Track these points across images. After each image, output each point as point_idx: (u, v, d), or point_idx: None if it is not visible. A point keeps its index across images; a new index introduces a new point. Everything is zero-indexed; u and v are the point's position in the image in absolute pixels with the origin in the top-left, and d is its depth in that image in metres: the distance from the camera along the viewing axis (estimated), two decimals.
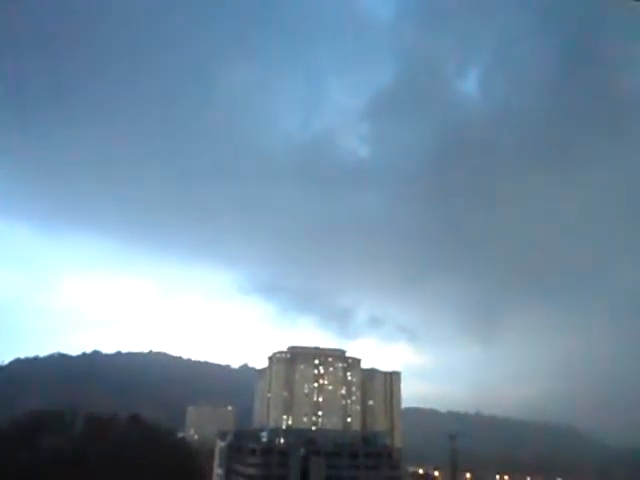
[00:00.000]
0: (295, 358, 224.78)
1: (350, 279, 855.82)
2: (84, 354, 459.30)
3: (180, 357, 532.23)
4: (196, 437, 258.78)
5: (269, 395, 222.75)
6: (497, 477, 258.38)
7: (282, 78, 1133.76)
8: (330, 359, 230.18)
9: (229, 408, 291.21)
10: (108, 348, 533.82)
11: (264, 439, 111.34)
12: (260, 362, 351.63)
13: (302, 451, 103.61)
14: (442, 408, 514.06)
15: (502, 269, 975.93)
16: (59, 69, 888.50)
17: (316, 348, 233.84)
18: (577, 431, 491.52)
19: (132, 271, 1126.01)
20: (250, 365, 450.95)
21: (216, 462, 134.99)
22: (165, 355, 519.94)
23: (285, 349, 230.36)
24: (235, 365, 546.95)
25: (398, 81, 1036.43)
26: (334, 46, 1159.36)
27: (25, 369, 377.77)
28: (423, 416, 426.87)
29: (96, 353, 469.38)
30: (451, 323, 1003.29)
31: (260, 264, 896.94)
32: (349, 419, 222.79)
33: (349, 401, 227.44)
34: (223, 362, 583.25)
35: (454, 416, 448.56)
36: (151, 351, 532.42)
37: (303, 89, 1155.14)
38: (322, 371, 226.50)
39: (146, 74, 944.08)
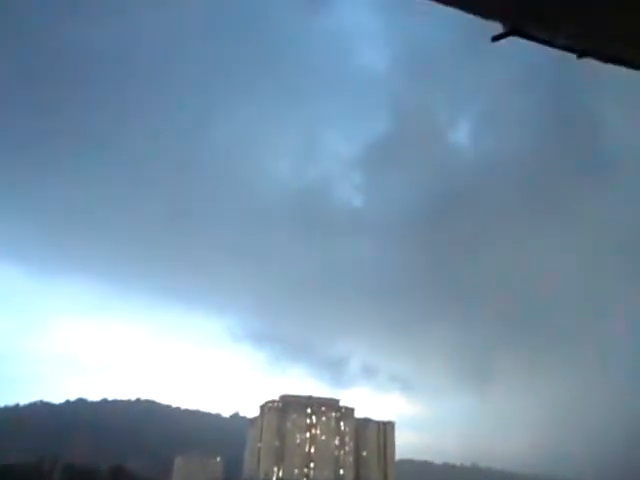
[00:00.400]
0: (287, 407, 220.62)
1: (343, 328, 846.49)
2: (67, 402, 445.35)
3: (169, 405, 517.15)
4: None
5: (260, 445, 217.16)
6: None
7: (277, 125, 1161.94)
8: (323, 408, 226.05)
9: (218, 459, 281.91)
10: (94, 396, 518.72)
11: None
12: (252, 411, 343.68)
13: None
14: (437, 460, 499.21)
15: (495, 319, 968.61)
16: (47, 108, 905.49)
17: (309, 397, 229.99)
18: None
19: (121, 317, 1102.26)
20: (241, 414, 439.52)
21: None
22: (153, 403, 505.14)
23: (277, 398, 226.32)
24: (226, 414, 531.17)
25: (391, 131, 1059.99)
26: (328, 96, 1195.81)
27: (4, 417, 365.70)
28: (417, 468, 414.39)
29: (81, 401, 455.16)
30: (445, 372, 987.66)
31: (252, 311, 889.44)
32: (342, 471, 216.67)
33: (342, 452, 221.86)
34: (214, 411, 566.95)
35: (449, 468, 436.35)
36: (139, 399, 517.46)
37: (297, 137, 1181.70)
38: (315, 420, 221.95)
39: (139, 114, 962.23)
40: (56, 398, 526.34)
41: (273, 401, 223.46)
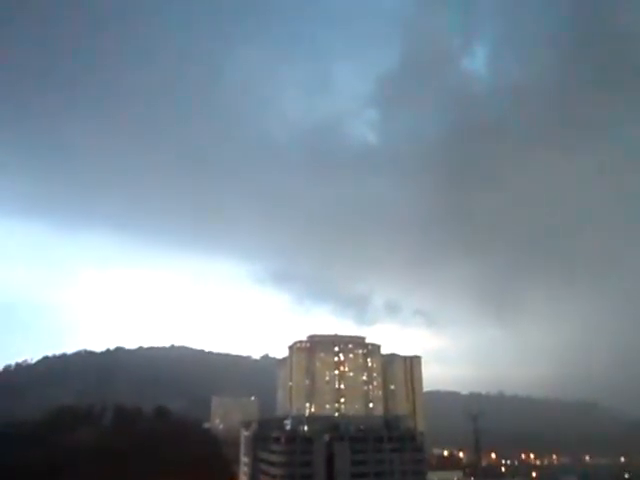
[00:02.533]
0: (315, 346, 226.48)
1: (364, 265, 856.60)
2: (108, 350, 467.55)
3: (202, 350, 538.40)
4: (221, 427, 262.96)
5: (291, 384, 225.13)
6: (522, 455, 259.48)
7: (287, 62, 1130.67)
8: (350, 346, 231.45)
9: (252, 398, 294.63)
10: (130, 344, 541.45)
11: (288, 427, 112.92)
12: (280, 352, 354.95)
13: (326, 437, 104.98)
14: (463, 390, 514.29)
15: (517, 250, 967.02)
16: (61, 60, 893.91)
17: (335, 335, 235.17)
18: (598, 406, 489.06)
19: (149, 265, 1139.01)
20: (271, 355, 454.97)
21: (242, 451, 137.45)
22: (187, 349, 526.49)
23: (305, 338, 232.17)
24: (256, 356, 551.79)
25: (404, 64, 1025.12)
26: (340, 30, 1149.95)
27: (54, 366, 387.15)
28: (444, 399, 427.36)
29: (119, 349, 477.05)
30: (468, 305, 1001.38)
31: (274, 253, 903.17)
32: (371, 404, 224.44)
33: (370, 387, 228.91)
34: (244, 353, 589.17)
35: (475, 397, 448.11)
36: (173, 345, 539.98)
37: (309, 75, 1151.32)
38: (342, 358, 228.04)
39: (150, 61, 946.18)
40: (97, 347, 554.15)
41: (301, 341, 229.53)
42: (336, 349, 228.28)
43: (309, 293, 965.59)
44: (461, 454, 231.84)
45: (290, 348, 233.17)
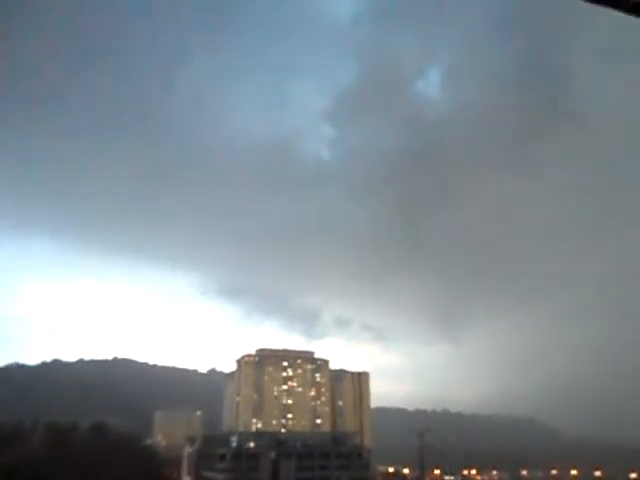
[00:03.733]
0: (263, 361, 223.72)
1: (315, 280, 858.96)
2: (44, 363, 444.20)
3: (146, 363, 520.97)
4: (164, 443, 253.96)
5: (238, 399, 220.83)
6: (465, 472, 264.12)
7: (244, 76, 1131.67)
8: (299, 361, 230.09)
9: (197, 413, 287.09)
10: (69, 356, 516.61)
11: (233, 443, 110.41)
12: (228, 366, 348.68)
13: (272, 454, 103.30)
14: (410, 406, 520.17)
15: (466, 269, 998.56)
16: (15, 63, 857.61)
17: (284, 350, 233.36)
18: (538, 423, 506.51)
19: (93, 276, 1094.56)
20: (218, 369, 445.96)
21: (184, 469, 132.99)
22: (130, 361, 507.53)
23: (253, 352, 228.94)
24: (203, 370, 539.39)
25: (360, 82, 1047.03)
26: (296, 49, 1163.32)
27: None
28: (392, 415, 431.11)
29: (57, 362, 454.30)
30: (417, 322, 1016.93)
31: (224, 266, 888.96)
32: (319, 420, 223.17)
33: (318, 402, 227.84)
34: (191, 367, 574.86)
35: (422, 414, 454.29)
36: (115, 358, 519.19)
37: (265, 90, 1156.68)
38: (291, 373, 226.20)
39: (102, 65, 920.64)
40: (31, 360, 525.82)
41: (249, 355, 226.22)
42: (285, 364, 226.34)
43: (258, 307, 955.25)
44: (406, 470, 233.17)
45: (238, 362, 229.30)
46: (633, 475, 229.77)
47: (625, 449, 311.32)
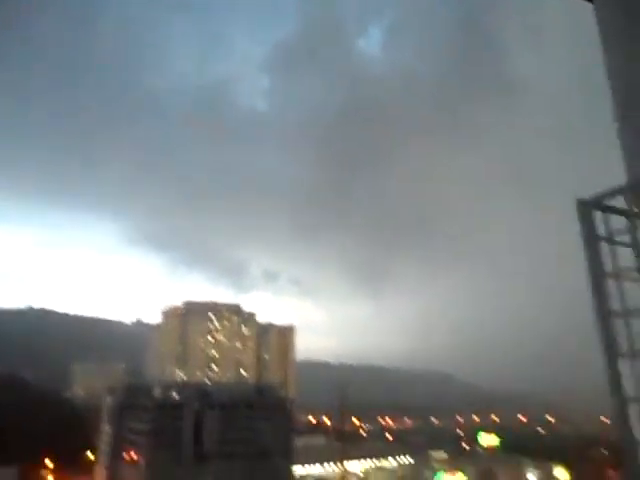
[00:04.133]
0: (189, 312, 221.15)
1: (244, 233, 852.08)
2: None
3: (66, 313, 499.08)
4: (83, 394, 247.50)
5: (163, 350, 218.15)
6: (381, 420, 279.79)
7: (179, 15, 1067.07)
8: (225, 313, 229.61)
9: (120, 365, 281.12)
10: None
11: (157, 394, 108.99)
12: (154, 318, 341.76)
13: (196, 405, 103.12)
14: (334, 360, 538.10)
15: (396, 228, 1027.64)
16: None
17: (211, 302, 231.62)
18: (455, 378, 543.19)
19: (8, 222, 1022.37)
20: (144, 321, 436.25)
21: (104, 420, 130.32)
22: (48, 312, 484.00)
23: (179, 304, 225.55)
24: (128, 321, 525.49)
25: (300, 34, 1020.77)
26: None
27: None
28: (316, 368, 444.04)
29: None
30: (344, 277, 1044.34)
31: (151, 215, 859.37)
32: (244, 372, 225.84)
33: (244, 355, 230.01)
34: (115, 318, 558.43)
35: (345, 367, 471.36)
36: (31, 307, 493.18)
37: (201, 30, 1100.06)
38: (217, 325, 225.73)
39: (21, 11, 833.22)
40: None
41: (175, 307, 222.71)
42: (211, 316, 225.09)
43: (185, 258, 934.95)
44: (327, 420, 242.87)
45: (164, 313, 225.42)
46: (522, 418, 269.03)
47: (521, 396, 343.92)
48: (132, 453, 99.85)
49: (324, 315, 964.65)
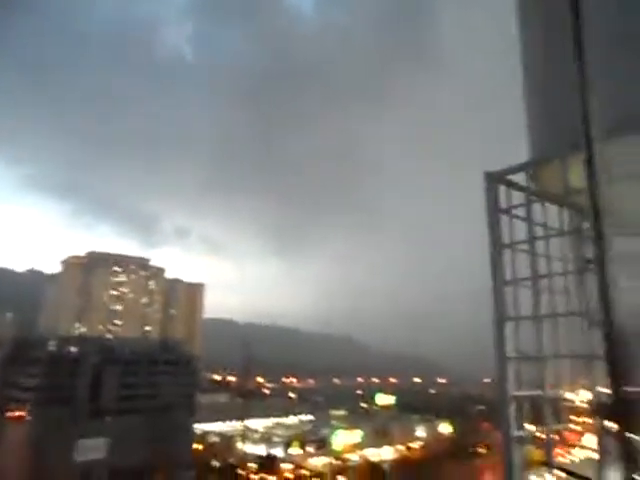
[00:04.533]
0: (93, 264, 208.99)
1: (157, 186, 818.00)
2: None
3: None
4: None
5: (61, 302, 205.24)
6: (285, 380, 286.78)
7: None
8: (132, 267, 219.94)
9: (8, 315, 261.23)
10: None
11: (52, 347, 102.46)
12: (51, 267, 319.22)
13: (96, 359, 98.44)
14: (241, 319, 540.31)
15: (312, 192, 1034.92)
16: None
17: (116, 255, 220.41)
18: (357, 341, 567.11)
19: None
20: (39, 269, 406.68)
21: None
22: None
23: (82, 254, 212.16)
24: (20, 269, 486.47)
25: None
26: None
27: None
28: (222, 327, 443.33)
29: None
30: (254, 238, 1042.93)
31: (53, 159, 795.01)
32: (149, 328, 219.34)
33: (150, 310, 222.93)
34: (5, 265, 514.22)
35: (252, 327, 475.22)
36: None
37: None
38: (123, 279, 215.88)
39: None
40: None
41: (77, 257, 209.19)
42: (116, 269, 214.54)
43: (90, 207, 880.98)
44: (231, 378, 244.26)
45: (64, 263, 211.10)
46: (416, 380, 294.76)
47: (417, 359, 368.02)
48: (20, 410, 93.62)
49: (234, 274, 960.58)
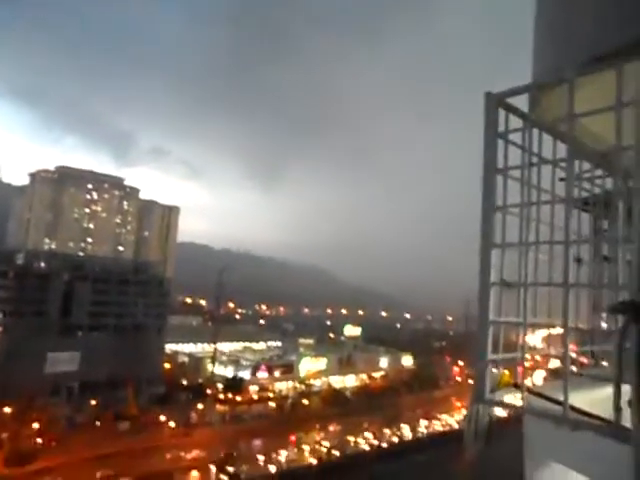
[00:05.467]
0: (64, 179, 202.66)
1: (133, 99, 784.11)
2: None
3: None
4: None
5: (29, 217, 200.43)
6: (256, 306, 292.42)
7: None
8: (106, 185, 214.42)
9: None
10: None
11: (19, 261, 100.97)
12: (18, 179, 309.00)
13: (66, 276, 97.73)
14: (216, 245, 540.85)
15: (294, 123, 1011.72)
16: None
17: (89, 171, 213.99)
18: (330, 274, 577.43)
19: None
20: (6, 181, 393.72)
21: None
22: None
23: (52, 168, 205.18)
24: None
25: None
26: None
27: None
28: (197, 251, 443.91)
29: None
30: (234, 165, 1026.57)
31: (21, 65, 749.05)
32: (122, 248, 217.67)
33: (123, 230, 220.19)
34: None
35: (226, 253, 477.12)
36: None
37: None
38: (95, 197, 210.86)
39: None
40: None
41: (47, 171, 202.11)
42: (89, 186, 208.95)
43: (62, 119, 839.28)
44: (203, 302, 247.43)
45: (32, 176, 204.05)
46: (384, 314, 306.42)
47: (386, 296, 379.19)
48: None
49: (210, 200, 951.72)
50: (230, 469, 71.08)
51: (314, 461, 79.07)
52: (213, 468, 71.48)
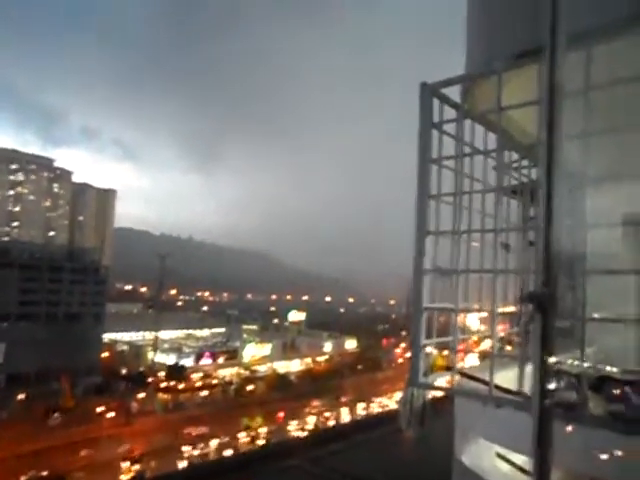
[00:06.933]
0: None
1: (61, 77, 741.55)
2: None
3: None
4: None
5: None
6: (199, 293, 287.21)
7: None
8: (33, 166, 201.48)
9: None
10: None
11: None
12: None
13: None
14: (156, 231, 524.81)
15: (235, 105, 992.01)
16: None
17: (14, 151, 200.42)
18: (269, 256, 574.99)
19: None
20: None
21: None
22: None
23: None
24: None
25: None
26: None
27: None
28: (136, 237, 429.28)
29: None
30: (174, 148, 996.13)
31: None
32: (53, 234, 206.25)
33: (54, 214, 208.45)
34: None
35: (167, 239, 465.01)
36: None
37: None
38: (22, 178, 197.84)
39: None
40: None
41: None
42: (14, 167, 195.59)
43: None
44: (144, 289, 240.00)
45: None
46: (328, 299, 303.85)
47: (331, 280, 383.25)
48: None
49: (148, 183, 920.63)
50: (135, 467, 66.34)
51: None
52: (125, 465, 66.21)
